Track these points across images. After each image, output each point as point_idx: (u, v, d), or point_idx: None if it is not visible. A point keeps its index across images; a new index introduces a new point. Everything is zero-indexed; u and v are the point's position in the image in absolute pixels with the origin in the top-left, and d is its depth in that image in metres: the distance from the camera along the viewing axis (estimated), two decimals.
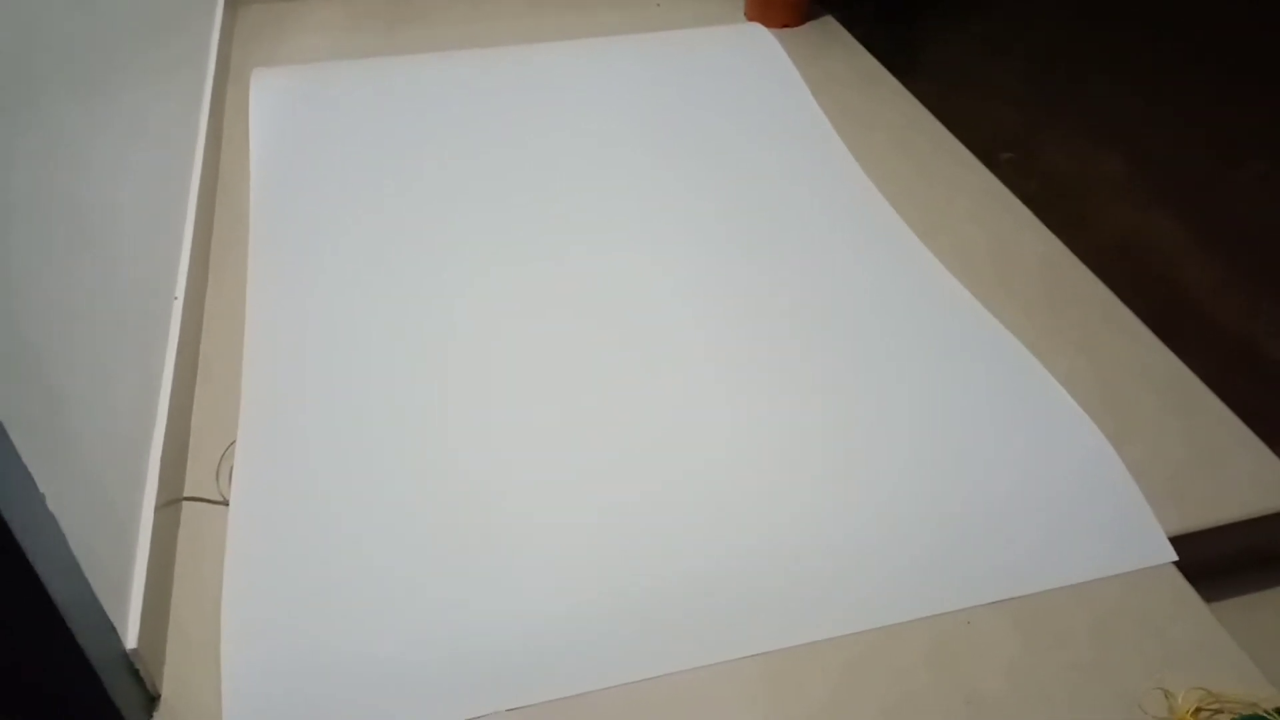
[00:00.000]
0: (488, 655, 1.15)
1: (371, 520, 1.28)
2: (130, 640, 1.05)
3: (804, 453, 1.39)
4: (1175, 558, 1.27)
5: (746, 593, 1.21)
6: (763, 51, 2.35)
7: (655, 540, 1.27)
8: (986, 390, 1.48)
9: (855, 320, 1.61)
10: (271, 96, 2.11)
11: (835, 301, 1.64)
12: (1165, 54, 1.65)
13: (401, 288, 1.65)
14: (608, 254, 1.75)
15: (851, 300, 1.65)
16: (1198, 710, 1.10)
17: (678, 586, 1.22)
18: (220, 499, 1.30)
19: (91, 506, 1.04)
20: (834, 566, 1.24)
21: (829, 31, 2.52)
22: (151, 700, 1.09)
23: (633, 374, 1.50)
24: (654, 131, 2.08)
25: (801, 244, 1.77)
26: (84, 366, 1.11)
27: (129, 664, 1.04)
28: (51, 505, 0.90)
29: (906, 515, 1.31)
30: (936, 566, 1.25)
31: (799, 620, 1.19)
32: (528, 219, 1.82)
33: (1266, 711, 1.10)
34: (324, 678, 1.12)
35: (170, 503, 1.26)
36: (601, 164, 1.98)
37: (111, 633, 1.01)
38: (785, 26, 2.48)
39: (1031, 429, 1.42)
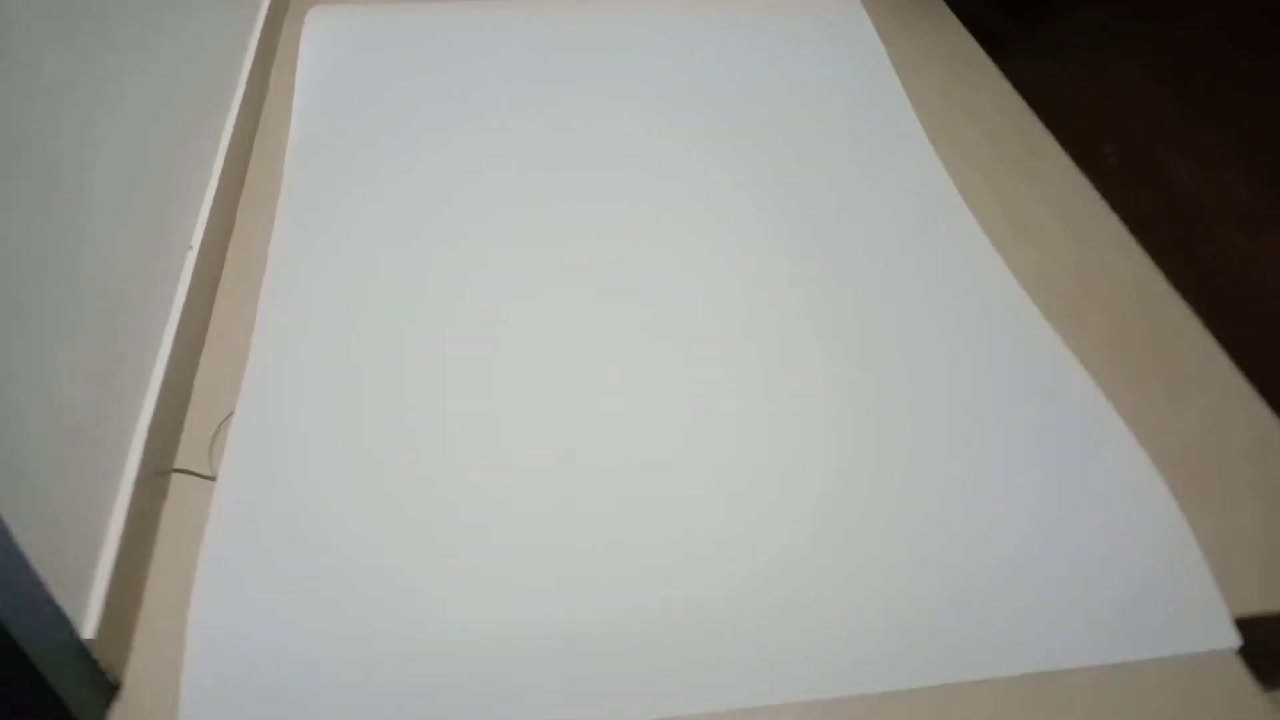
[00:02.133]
0: (469, 665, 1.07)
1: (363, 511, 1.21)
2: (88, 630, 0.99)
3: (841, 492, 1.26)
4: (1238, 644, 1.13)
5: (791, 630, 1.12)
6: (848, 22, 2.18)
7: (683, 560, 1.18)
8: (1051, 436, 1.34)
9: (912, 338, 1.47)
10: (324, 40, 2.02)
11: (892, 315, 1.50)
12: None
13: (429, 261, 1.55)
14: (654, 234, 1.63)
15: (911, 315, 1.50)
16: None
17: (704, 617, 1.12)
18: (210, 474, 1.24)
19: (56, 479, 0.98)
20: (866, 621, 1.14)
21: (928, 4, 2.33)
22: (111, 689, 1.03)
23: (670, 372, 1.40)
24: (721, 104, 1.94)
25: (862, 243, 1.63)
26: (59, 324, 1.03)
27: (84, 654, 0.99)
28: None
29: (948, 569, 1.18)
30: (967, 630, 1.13)
31: (840, 669, 1.09)
32: (574, 192, 1.71)
33: None
34: (293, 673, 1.06)
35: (156, 474, 1.20)
36: (658, 134, 1.85)
37: (63, 624, 0.95)
38: None
39: (1096, 484, 1.28)
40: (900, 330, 1.48)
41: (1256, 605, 1.16)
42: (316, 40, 2.02)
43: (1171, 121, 1.75)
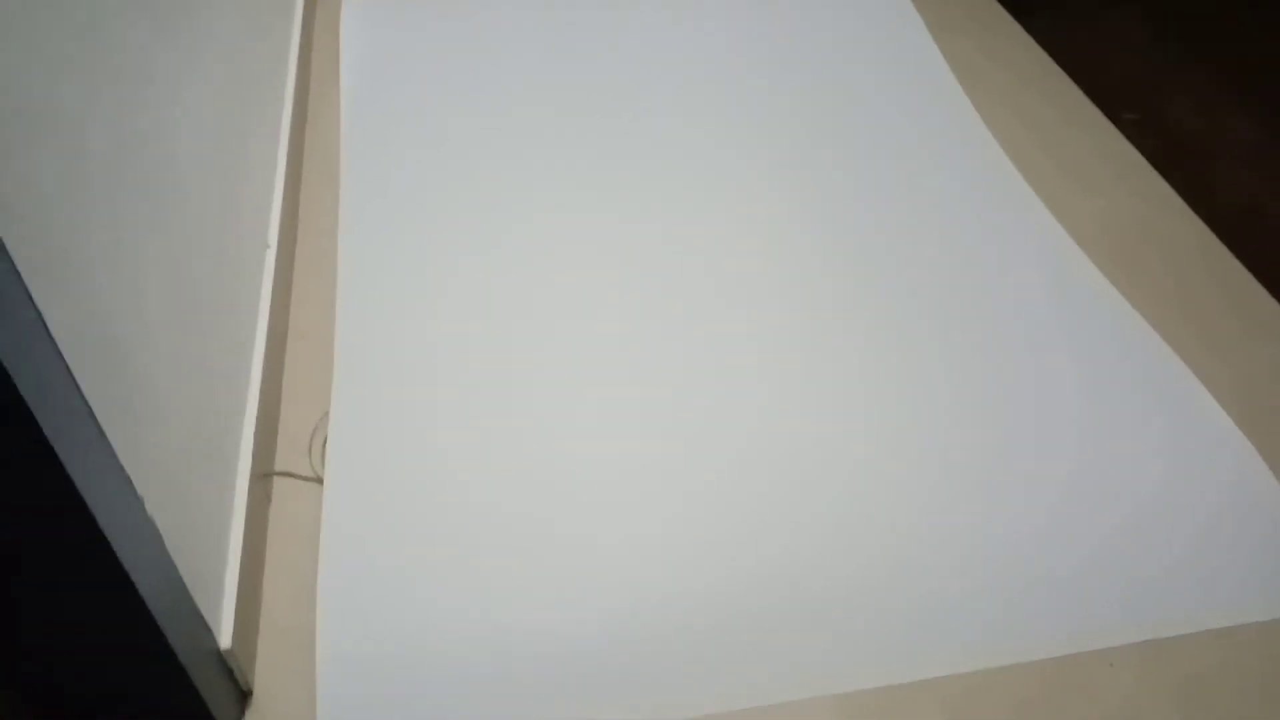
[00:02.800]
0: (586, 656, 1.07)
1: (470, 503, 1.20)
2: (225, 639, 0.99)
3: (910, 452, 1.27)
4: None
5: (853, 616, 1.11)
6: None
7: (759, 555, 1.17)
8: (1122, 391, 1.34)
9: (977, 302, 1.47)
10: (363, 28, 2.00)
11: (954, 280, 1.51)
12: None
13: (494, 243, 1.55)
14: (699, 213, 1.62)
15: (974, 280, 1.51)
16: None
17: (791, 608, 1.13)
18: (313, 475, 1.23)
19: (186, 497, 0.97)
20: (942, 592, 1.13)
21: None
22: (244, 696, 1.03)
23: (726, 361, 1.39)
24: (760, 73, 1.93)
25: (905, 216, 1.63)
26: (171, 341, 1.02)
27: (222, 662, 0.98)
28: (150, 509, 0.83)
29: (1027, 536, 1.18)
30: (1074, 601, 1.13)
31: (904, 653, 1.08)
32: (624, 168, 1.70)
33: None
34: (422, 670, 1.06)
35: (261, 478, 1.20)
36: (701, 106, 1.85)
37: (206, 633, 0.95)
38: None
39: (1174, 442, 1.29)
40: (968, 291, 1.48)
41: None
42: (356, 28, 1.99)
43: (1167, 66, 1.74)
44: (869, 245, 1.57)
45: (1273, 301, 1.48)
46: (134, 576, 0.78)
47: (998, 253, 1.56)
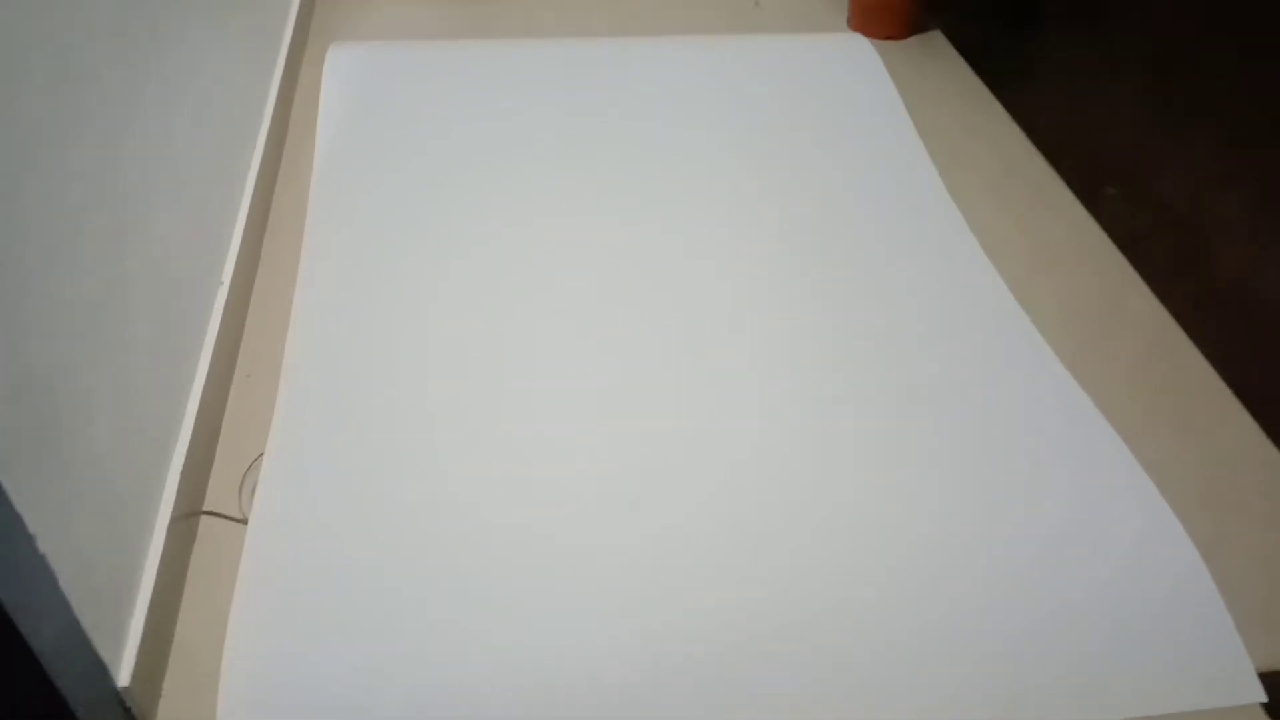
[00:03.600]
0: (507, 695, 1.07)
1: (394, 551, 1.21)
2: (123, 678, 0.99)
3: (853, 523, 1.27)
4: (1264, 699, 1.14)
5: (772, 658, 1.12)
6: (861, 64, 2.21)
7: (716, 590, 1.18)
8: (1064, 477, 1.35)
9: (925, 367, 1.49)
10: (345, 75, 2.04)
11: (904, 345, 1.53)
12: None
13: (457, 294, 1.57)
14: (670, 263, 1.66)
15: (923, 345, 1.53)
16: None
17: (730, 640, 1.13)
18: (239, 516, 1.24)
19: (98, 526, 0.98)
20: (862, 644, 1.14)
21: (935, 46, 2.37)
22: None
23: (695, 397, 1.42)
24: (738, 140, 1.96)
25: (875, 274, 1.66)
26: (105, 368, 1.04)
27: (119, 702, 0.98)
28: (43, 545, 0.84)
29: (955, 615, 1.18)
30: (986, 674, 1.13)
31: (824, 698, 1.09)
32: (595, 225, 1.73)
33: None
34: (328, 716, 1.06)
35: (187, 517, 1.20)
36: (676, 168, 1.88)
37: (102, 672, 0.95)
38: (890, 38, 2.33)
39: (1113, 529, 1.29)
40: (920, 365, 1.50)
41: (1270, 659, 1.16)
42: (337, 76, 2.03)
43: (1159, 142, 1.75)
44: (820, 316, 1.58)
45: (1229, 393, 1.49)
46: (14, 614, 0.79)
47: (949, 321, 1.58)
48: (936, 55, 2.33)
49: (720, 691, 1.09)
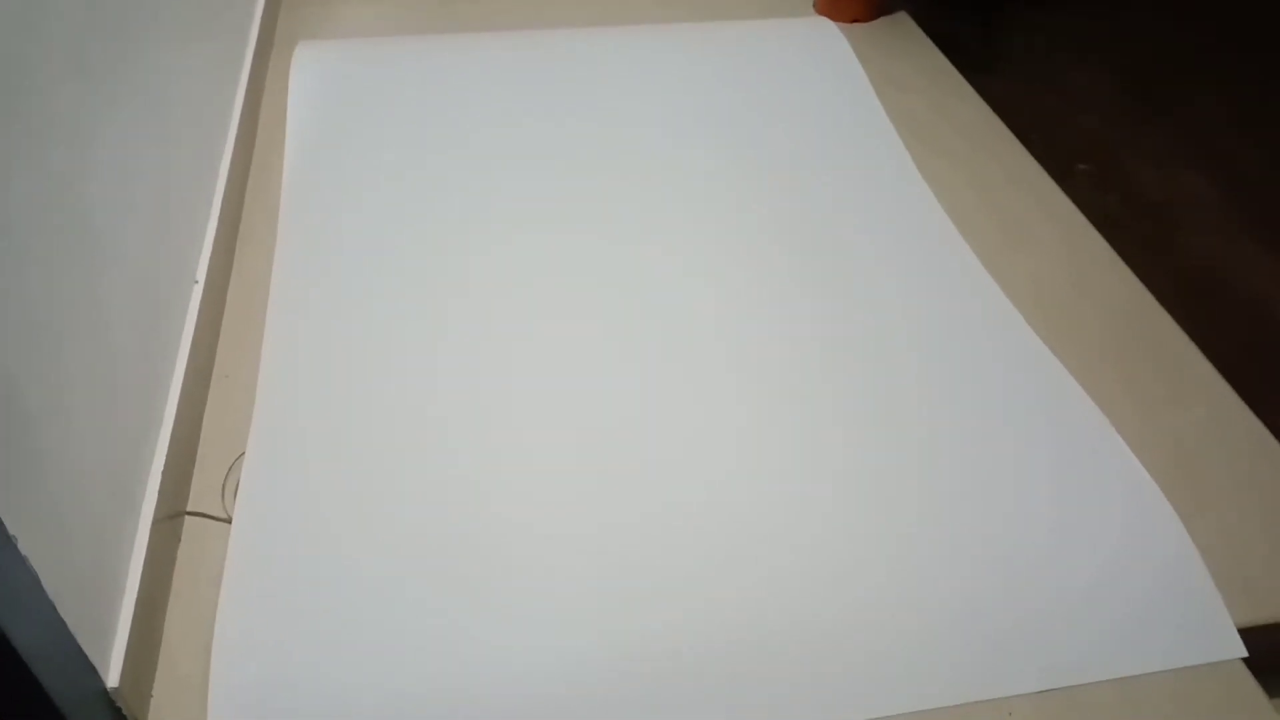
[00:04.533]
0: (498, 697, 1.07)
1: (380, 547, 1.21)
2: (112, 678, 0.98)
3: (841, 517, 1.28)
4: (1245, 654, 1.16)
5: (766, 662, 1.12)
6: (829, 48, 2.22)
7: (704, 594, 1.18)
8: (1046, 450, 1.37)
9: (905, 356, 1.49)
10: (313, 74, 2.03)
11: (883, 334, 1.53)
12: (1273, 72, 1.49)
13: (433, 290, 1.56)
14: (644, 261, 1.65)
15: (902, 333, 1.53)
16: None
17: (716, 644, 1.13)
18: (224, 516, 1.24)
19: (80, 527, 0.98)
20: (864, 643, 1.15)
21: (902, 28, 2.38)
22: None
23: (669, 399, 1.42)
24: (706, 129, 1.97)
25: (851, 261, 1.66)
26: (81, 366, 1.03)
27: (108, 703, 0.98)
28: (24, 546, 0.84)
29: (946, 589, 1.20)
30: (976, 648, 1.15)
31: (826, 698, 1.10)
32: (570, 219, 1.73)
33: None
34: (317, 715, 1.06)
35: (170, 517, 1.20)
36: (647, 161, 1.88)
37: (90, 673, 0.95)
38: (856, 21, 2.34)
39: (1095, 499, 1.31)
40: (898, 346, 1.51)
41: (1250, 615, 1.19)
42: (306, 74, 2.02)
43: (1129, 125, 1.78)
44: (795, 303, 1.59)
45: (1206, 363, 1.51)
46: (2, 622, 0.78)
47: (928, 304, 1.59)
48: (904, 37, 2.34)
49: (720, 691, 1.09)
